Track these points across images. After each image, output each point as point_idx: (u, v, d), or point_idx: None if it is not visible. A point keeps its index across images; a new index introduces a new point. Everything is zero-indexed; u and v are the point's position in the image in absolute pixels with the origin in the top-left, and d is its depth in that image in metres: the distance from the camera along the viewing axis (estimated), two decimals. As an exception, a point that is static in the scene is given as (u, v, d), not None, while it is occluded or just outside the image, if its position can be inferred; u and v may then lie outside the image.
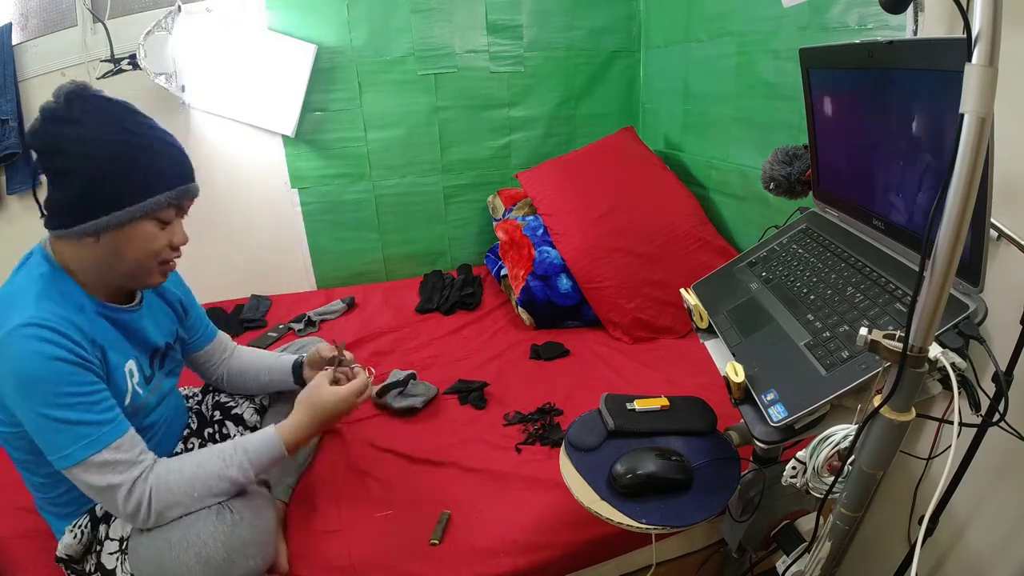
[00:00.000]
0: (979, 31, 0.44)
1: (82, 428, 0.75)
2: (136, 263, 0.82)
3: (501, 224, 1.95)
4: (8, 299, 0.77)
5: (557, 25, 2.14)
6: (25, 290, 0.77)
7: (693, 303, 0.94)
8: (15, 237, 1.87)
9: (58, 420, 0.73)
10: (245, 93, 1.84)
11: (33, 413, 0.74)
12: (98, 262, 0.81)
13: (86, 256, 0.81)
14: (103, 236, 0.78)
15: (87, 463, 0.75)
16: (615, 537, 0.99)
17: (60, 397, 0.74)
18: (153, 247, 0.82)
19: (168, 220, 0.83)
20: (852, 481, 0.63)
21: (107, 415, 0.78)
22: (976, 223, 0.60)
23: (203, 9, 1.78)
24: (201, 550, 0.78)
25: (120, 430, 0.79)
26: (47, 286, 0.79)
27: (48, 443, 0.75)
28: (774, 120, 1.54)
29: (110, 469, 0.77)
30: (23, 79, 1.74)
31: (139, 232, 0.80)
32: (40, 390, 0.73)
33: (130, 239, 0.80)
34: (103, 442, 0.76)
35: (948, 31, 0.88)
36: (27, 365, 0.72)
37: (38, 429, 0.75)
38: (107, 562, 0.84)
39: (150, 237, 0.81)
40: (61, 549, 0.86)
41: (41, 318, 0.73)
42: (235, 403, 1.14)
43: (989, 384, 0.65)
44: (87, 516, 0.88)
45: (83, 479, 0.76)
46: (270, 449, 0.89)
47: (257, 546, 0.84)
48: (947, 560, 0.96)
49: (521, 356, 1.60)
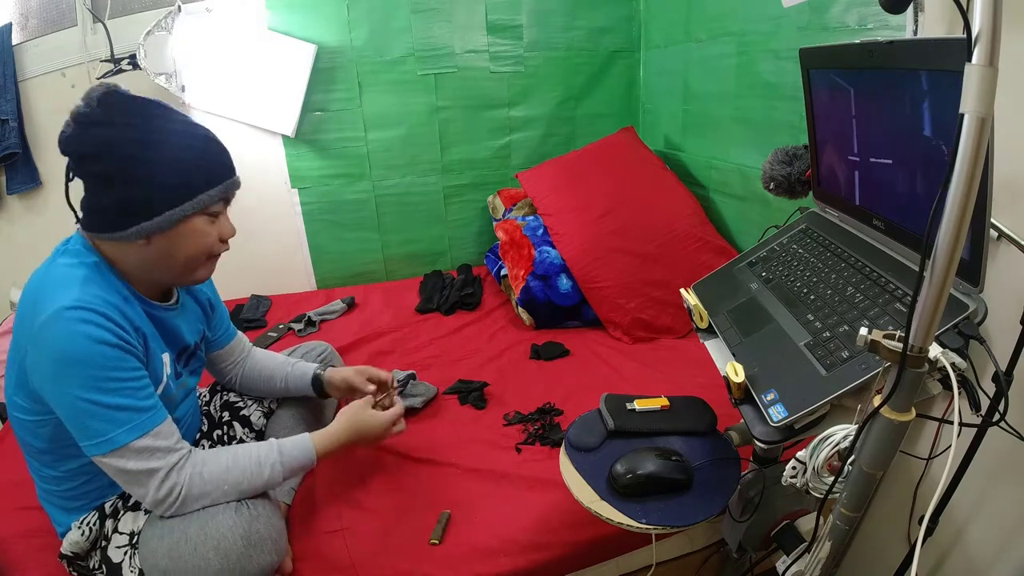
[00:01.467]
0: (979, 31, 0.44)
1: (125, 413, 0.75)
2: (189, 260, 0.84)
3: (501, 224, 1.95)
4: (52, 282, 0.76)
5: (557, 25, 2.14)
6: (70, 275, 0.77)
7: (693, 303, 0.94)
8: (15, 237, 1.87)
9: (101, 404, 0.73)
10: (245, 93, 1.84)
11: (72, 397, 0.73)
12: (147, 262, 0.82)
13: (133, 256, 0.82)
14: (154, 238, 0.79)
15: (127, 448, 0.75)
16: (615, 537, 0.99)
17: (104, 381, 0.73)
18: (206, 243, 0.84)
19: (217, 214, 0.85)
20: (852, 481, 0.63)
21: (149, 401, 0.79)
22: (976, 223, 0.60)
23: (203, 9, 1.78)
24: (220, 543, 0.78)
25: (160, 417, 0.80)
26: (93, 273, 0.79)
27: (86, 429, 0.74)
28: (774, 120, 1.54)
29: (149, 455, 0.77)
30: (23, 79, 1.74)
31: (191, 229, 0.81)
32: (83, 373, 0.72)
33: (183, 237, 0.81)
34: (145, 427, 0.77)
35: (948, 31, 0.88)
36: (71, 347, 0.71)
37: (77, 414, 0.74)
38: (113, 556, 0.84)
39: (202, 233, 0.83)
40: (66, 546, 0.85)
41: (87, 301, 0.73)
42: (244, 404, 1.14)
43: (989, 384, 0.65)
44: (95, 512, 0.87)
45: (119, 464, 0.76)
46: (303, 454, 0.91)
47: (273, 541, 0.85)
48: (947, 560, 0.96)
49: (521, 356, 1.60)
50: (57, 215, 1.85)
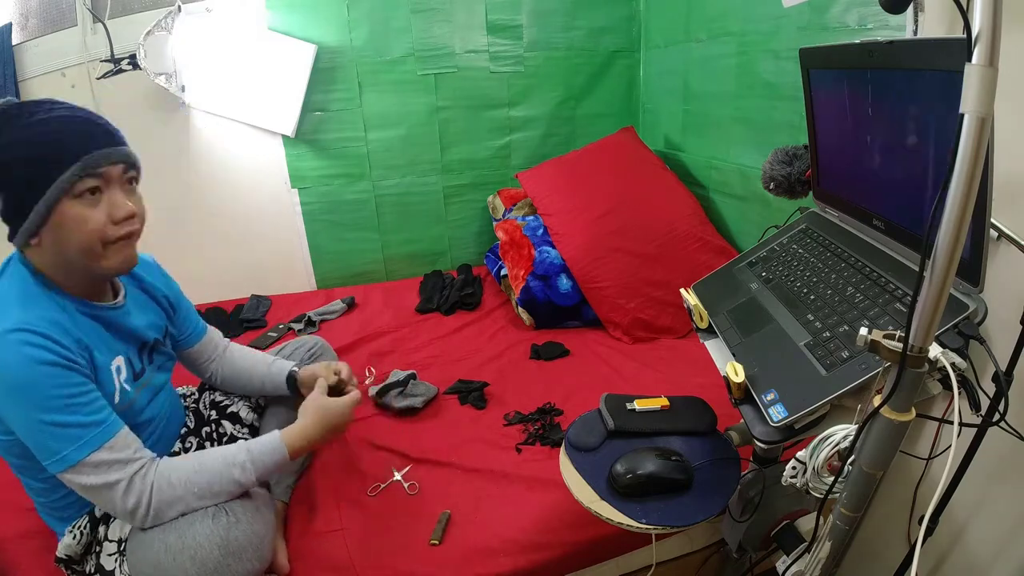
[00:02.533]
0: (979, 31, 0.44)
1: (74, 430, 0.75)
2: (80, 250, 0.78)
3: (501, 224, 1.95)
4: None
5: (557, 25, 2.14)
6: (6, 296, 0.77)
7: (693, 303, 0.94)
8: None
9: (50, 424, 0.73)
10: (245, 93, 1.84)
11: (24, 419, 0.74)
12: (54, 262, 0.80)
13: (43, 259, 0.80)
14: (42, 235, 0.77)
15: (82, 464, 0.75)
16: (615, 537, 0.99)
17: (49, 400, 0.73)
18: (88, 228, 0.78)
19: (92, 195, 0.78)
20: (852, 481, 0.63)
21: (98, 416, 0.77)
22: (976, 223, 0.60)
23: (203, 9, 1.78)
24: (196, 552, 0.77)
25: (112, 430, 0.79)
26: (28, 289, 0.78)
27: (41, 448, 0.75)
28: (774, 120, 1.54)
29: (107, 468, 0.77)
30: (23, 79, 1.74)
31: (67, 217, 0.76)
32: (29, 395, 0.72)
33: (63, 227, 0.77)
34: (96, 442, 0.76)
35: (948, 31, 0.88)
36: (15, 371, 0.71)
37: (30, 434, 0.74)
38: (106, 563, 0.84)
39: (80, 218, 0.77)
40: (61, 550, 0.86)
41: (25, 322, 0.73)
42: (231, 401, 1.13)
43: (989, 384, 0.65)
44: (86, 517, 0.88)
45: (79, 481, 0.76)
46: (273, 452, 0.89)
47: (253, 549, 0.83)
48: (947, 560, 0.96)
49: (521, 356, 1.60)
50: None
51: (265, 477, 0.90)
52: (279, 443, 0.90)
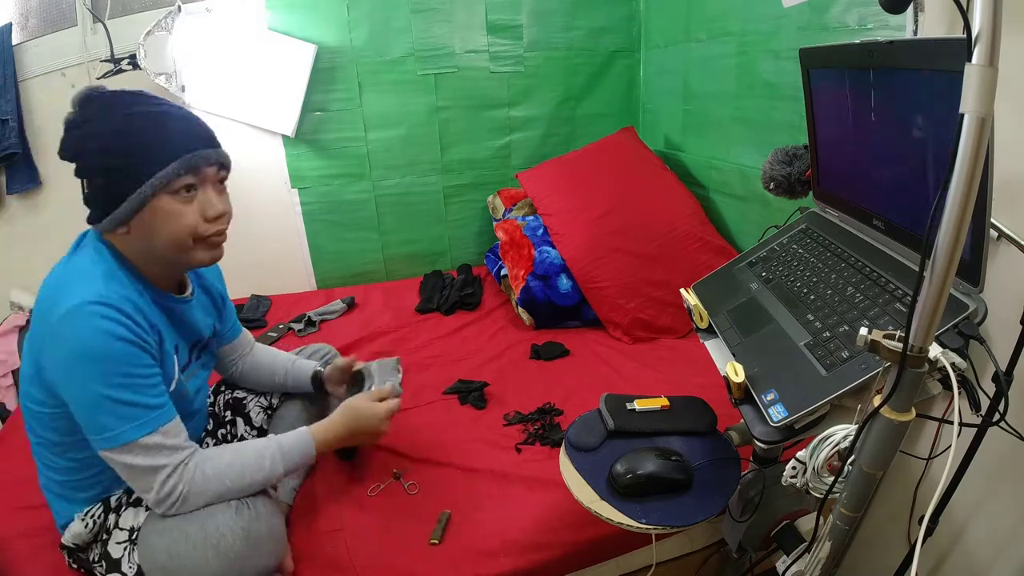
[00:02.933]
0: (979, 31, 0.44)
1: (136, 410, 0.76)
2: (170, 243, 0.81)
3: (501, 224, 1.95)
4: (73, 276, 0.77)
5: (557, 25, 2.14)
6: (90, 270, 0.77)
7: (693, 303, 0.94)
8: (15, 237, 1.87)
9: (113, 400, 0.74)
10: (245, 93, 1.84)
11: (86, 391, 0.74)
12: (139, 250, 0.82)
13: (128, 246, 0.82)
14: (132, 224, 0.79)
15: (135, 444, 0.76)
16: (615, 537, 0.99)
17: (118, 377, 0.74)
18: (181, 223, 0.80)
19: (188, 192, 0.80)
20: (852, 481, 0.63)
21: (160, 399, 0.79)
22: (976, 223, 0.60)
23: (203, 9, 1.78)
24: (219, 542, 0.78)
25: (170, 415, 0.80)
26: (111, 268, 0.80)
27: (96, 423, 0.75)
28: (774, 120, 1.54)
29: (157, 451, 0.78)
30: (23, 79, 1.74)
31: (161, 211, 0.79)
32: (99, 368, 0.73)
33: (155, 220, 0.79)
34: (155, 424, 0.77)
35: (948, 31, 0.88)
36: (90, 342, 0.72)
37: (89, 407, 0.75)
38: (113, 551, 0.84)
39: (175, 213, 0.79)
40: (68, 537, 0.86)
41: (107, 297, 0.74)
42: (245, 401, 1.14)
43: (989, 384, 0.65)
44: (100, 505, 0.87)
45: (125, 460, 0.76)
46: (302, 446, 0.91)
47: (273, 542, 0.85)
48: (947, 560, 0.96)
49: (521, 356, 1.60)
50: (57, 215, 1.85)
51: (291, 471, 0.91)
52: (307, 438, 0.92)
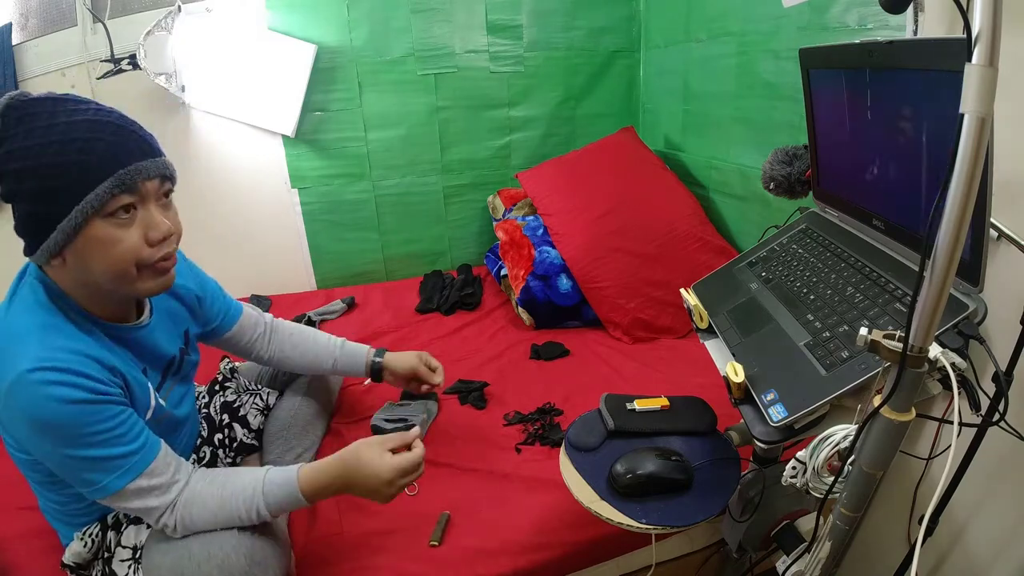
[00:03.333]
0: (979, 31, 0.44)
1: (113, 462, 0.72)
2: (109, 274, 0.70)
3: (501, 224, 1.95)
4: (9, 336, 0.69)
5: (557, 25, 2.14)
6: (26, 326, 0.69)
7: (693, 303, 0.94)
8: (15, 237, 1.87)
9: (87, 459, 0.70)
10: (245, 93, 1.84)
11: (57, 455, 0.70)
12: (78, 283, 0.73)
13: (66, 278, 0.73)
14: (66, 255, 0.69)
15: (123, 492, 0.73)
16: (615, 537, 0.99)
17: (84, 438, 0.69)
18: (120, 251, 0.69)
19: (124, 214, 0.69)
20: (852, 481, 0.63)
21: (136, 443, 0.74)
22: (976, 223, 0.60)
23: (203, 9, 1.78)
24: (223, 562, 0.76)
25: (152, 454, 0.76)
26: (49, 316, 0.71)
27: (78, 479, 0.73)
28: (774, 120, 1.54)
29: (146, 494, 0.75)
30: (23, 79, 1.74)
31: (95, 238, 0.68)
32: (61, 434, 0.68)
33: (90, 249, 0.68)
34: (137, 470, 0.74)
35: (948, 31, 0.88)
36: (42, 413, 0.66)
37: (67, 469, 0.72)
38: (118, 569, 0.83)
39: (111, 240, 0.68)
40: (68, 557, 0.85)
41: (49, 359, 0.66)
42: (241, 404, 1.13)
43: (989, 384, 0.65)
44: (97, 524, 0.87)
45: (120, 505, 0.76)
46: (288, 497, 0.82)
47: (277, 558, 0.83)
48: (947, 560, 0.96)
49: (521, 356, 1.60)
50: (57, 215, 1.85)
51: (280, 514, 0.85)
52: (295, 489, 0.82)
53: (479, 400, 1.37)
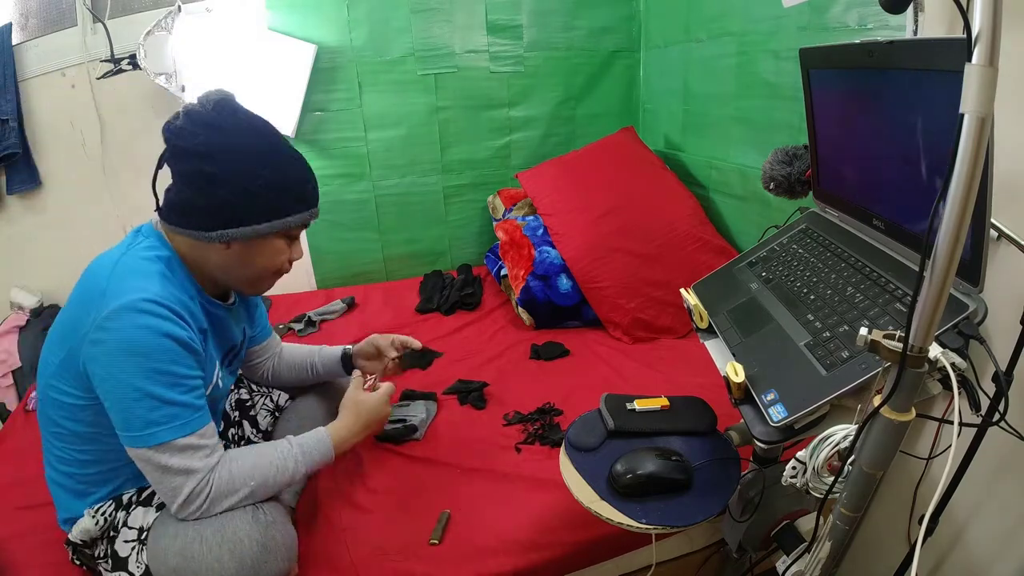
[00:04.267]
0: (979, 31, 0.44)
1: (176, 409, 0.76)
2: (259, 272, 0.88)
3: (501, 224, 1.95)
4: (127, 270, 0.77)
5: (557, 25, 2.14)
6: (147, 268, 0.79)
7: (693, 303, 0.94)
8: (15, 237, 1.87)
9: (156, 397, 0.74)
10: (245, 93, 1.81)
11: (128, 386, 0.73)
12: (220, 265, 0.85)
13: (207, 256, 0.84)
14: (234, 244, 0.83)
15: (171, 445, 0.75)
16: (615, 537, 0.99)
17: (164, 375, 0.74)
18: (278, 260, 0.88)
19: (295, 237, 0.90)
20: (852, 481, 0.63)
21: (200, 401, 0.80)
22: (976, 223, 0.60)
23: (203, 9, 1.78)
24: (236, 546, 0.77)
25: (207, 419, 0.81)
26: (168, 269, 0.81)
27: (132, 419, 0.74)
28: (774, 120, 1.54)
29: (192, 452, 0.77)
30: (23, 79, 1.74)
31: (270, 245, 0.86)
32: (146, 364, 0.73)
33: (261, 251, 0.85)
34: (193, 427, 0.77)
35: (948, 31, 0.88)
36: (139, 336, 0.73)
37: (128, 403, 0.74)
38: (120, 550, 0.84)
39: (278, 251, 0.87)
40: (76, 532, 0.85)
41: (162, 296, 0.75)
42: (252, 403, 1.14)
43: (989, 384, 0.65)
44: (112, 501, 0.87)
45: (160, 460, 0.75)
46: (319, 445, 0.91)
47: (287, 549, 0.84)
48: (947, 560, 0.96)
49: (521, 356, 1.60)
50: (57, 215, 1.85)
51: (311, 472, 0.91)
52: (326, 437, 0.92)
53: (479, 400, 1.37)
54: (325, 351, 1.20)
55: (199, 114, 0.80)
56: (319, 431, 0.93)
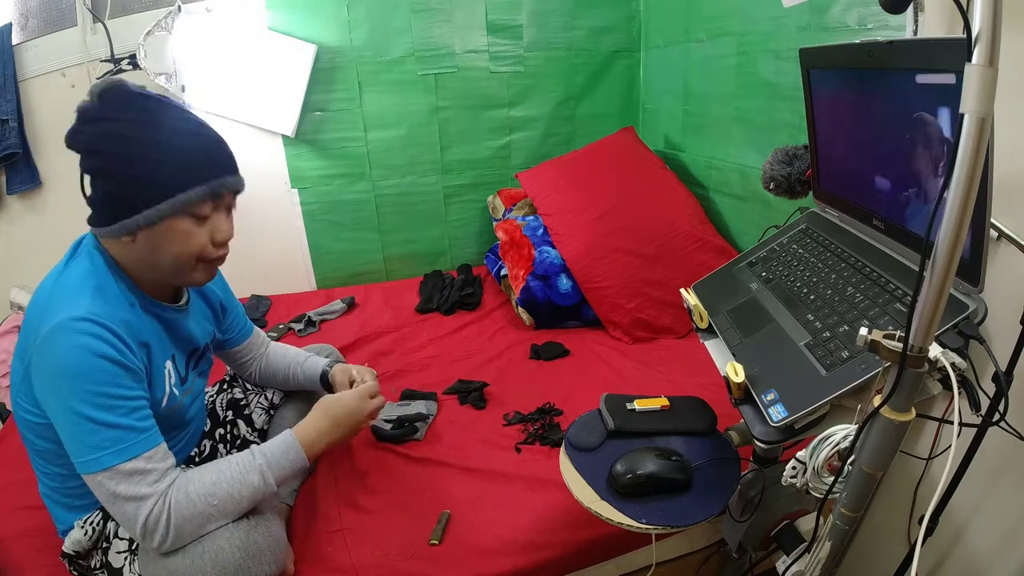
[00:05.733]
0: (979, 31, 0.44)
1: (118, 432, 0.73)
2: (174, 261, 0.80)
3: (501, 224, 1.95)
4: (64, 288, 0.76)
5: (557, 25, 2.14)
6: (81, 283, 0.76)
7: (693, 303, 0.94)
8: (15, 237, 1.87)
9: (94, 420, 0.71)
10: (245, 93, 1.84)
11: (68, 410, 0.71)
12: (139, 260, 0.81)
13: (128, 253, 0.81)
14: (139, 235, 0.77)
15: (116, 470, 0.72)
16: (615, 537, 0.99)
17: (100, 397, 0.72)
18: (190, 245, 0.80)
19: (205, 215, 0.80)
20: (852, 481, 0.63)
21: (145, 423, 0.76)
22: (976, 223, 0.60)
23: (203, 9, 1.78)
24: (217, 555, 0.76)
25: (155, 441, 0.77)
26: (103, 281, 0.78)
27: (77, 443, 0.72)
28: (774, 120, 1.54)
29: (140, 479, 0.74)
30: (23, 79, 1.74)
31: (174, 230, 0.78)
32: (81, 386, 0.71)
33: (166, 237, 0.78)
34: (137, 449, 0.74)
35: (948, 31, 0.88)
36: (72, 359, 0.70)
37: (70, 426, 0.72)
38: (114, 561, 0.83)
39: (186, 235, 0.79)
40: (68, 545, 0.84)
41: (95, 314, 0.72)
42: (247, 402, 1.14)
43: (989, 384, 0.65)
44: (99, 512, 0.86)
45: (108, 487, 0.73)
46: (287, 450, 0.86)
47: (271, 552, 0.82)
48: (947, 560, 0.96)
49: (521, 356, 1.60)
50: (57, 215, 1.85)
51: (284, 480, 0.87)
52: (291, 440, 0.88)
53: (479, 400, 1.37)
54: (308, 364, 1.15)
55: (85, 110, 0.77)
56: (285, 434, 0.88)
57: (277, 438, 0.88)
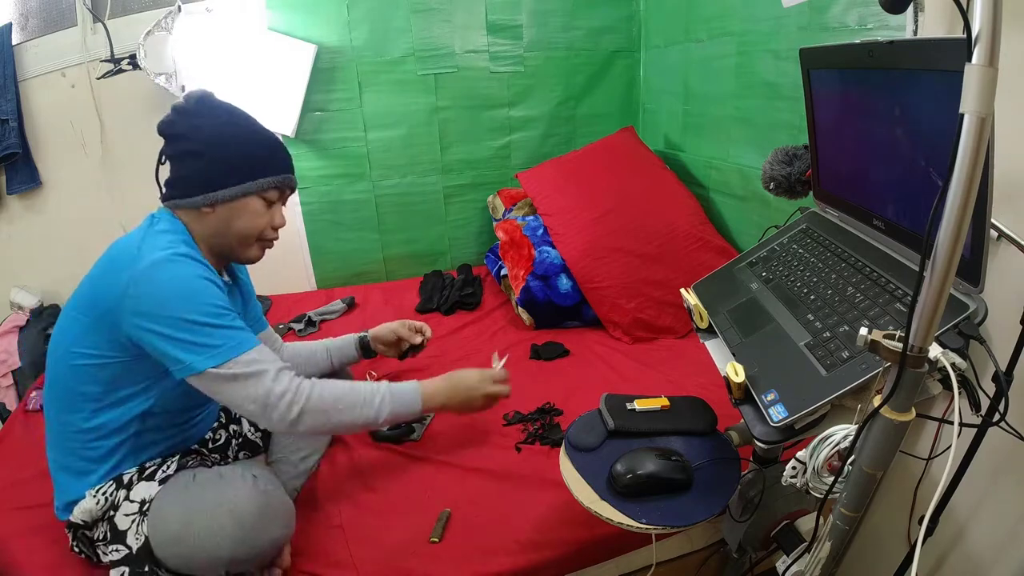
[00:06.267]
0: (979, 31, 0.44)
1: (232, 332, 0.85)
2: (242, 234, 0.95)
3: (501, 224, 1.95)
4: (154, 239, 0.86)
5: (557, 25, 2.14)
6: (171, 239, 0.88)
7: (693, 303, 0.94)
8: (15, 237, 1.87)
9: (210, 325, 0.83)
10: (245, 93, 1.83)
11: (181, 322, 0.81)
12: (211, 230, 0.94)
13: (202, 224, 0.93)
14: (218, 207, 0.92)
15: (234, 361, 0.83)
16: (615, 537, 0.99)
17: (212, 307, 0.84)
18: (257, 223, 0.96)
19: (272, 201, 0.97)
20: (852, 481, 0.63)
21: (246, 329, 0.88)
22: (976, 223, 0.60)
23: (203, 9, 1.78)
24: (235, 508, 0.82)
25: (257, 341, 0.88)
26: (186, 239, 0.91)
27: (191, 348, 0.81)
28: (774, 120, 1.54)
29: (257, 363, 0.85)
30: (23, 79, 1.74)
31: (247, 207, 0.94)
32: (193, 302, 0.82)
33: (240, 212, 0.93)
34: (249, 344, 0.86)
35: (948, 31, 0.88)
36: (183, 280, 0.83)
37: (186, 335, 0.81)
38: (120, 523, 0.86)
39: (256, 214, 0.95)
40: (77, 514, 0.86)
41: (190, 253, 0.87)
42: None
43: (989, 384, 0.65)
44: (112, 482, 0.89)
45: (228, 372, 0.83)
46: (407, 394, 0.99)
47: (285, 516, 0.91)
48: (947, 560, 0.96)
49: (521, 356, 1.60)
50: (57, 215, 1.85)
51: (394, 420, 0.97)
52: (416, 389, 1.00)
53: (479, 400, 1.37)
54: (338, 343, 1.27)
55: (184, 108, 0.92)
56: (413, 383, 1.01)
57: (404, 383, 1.01)
